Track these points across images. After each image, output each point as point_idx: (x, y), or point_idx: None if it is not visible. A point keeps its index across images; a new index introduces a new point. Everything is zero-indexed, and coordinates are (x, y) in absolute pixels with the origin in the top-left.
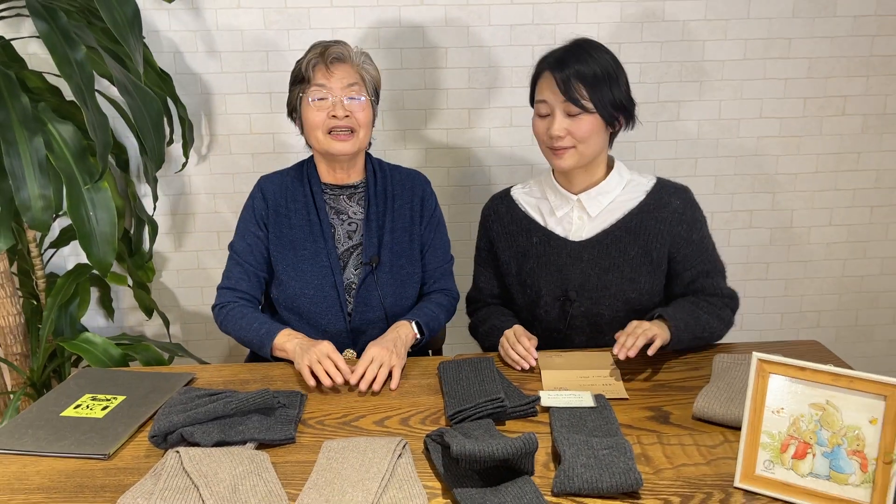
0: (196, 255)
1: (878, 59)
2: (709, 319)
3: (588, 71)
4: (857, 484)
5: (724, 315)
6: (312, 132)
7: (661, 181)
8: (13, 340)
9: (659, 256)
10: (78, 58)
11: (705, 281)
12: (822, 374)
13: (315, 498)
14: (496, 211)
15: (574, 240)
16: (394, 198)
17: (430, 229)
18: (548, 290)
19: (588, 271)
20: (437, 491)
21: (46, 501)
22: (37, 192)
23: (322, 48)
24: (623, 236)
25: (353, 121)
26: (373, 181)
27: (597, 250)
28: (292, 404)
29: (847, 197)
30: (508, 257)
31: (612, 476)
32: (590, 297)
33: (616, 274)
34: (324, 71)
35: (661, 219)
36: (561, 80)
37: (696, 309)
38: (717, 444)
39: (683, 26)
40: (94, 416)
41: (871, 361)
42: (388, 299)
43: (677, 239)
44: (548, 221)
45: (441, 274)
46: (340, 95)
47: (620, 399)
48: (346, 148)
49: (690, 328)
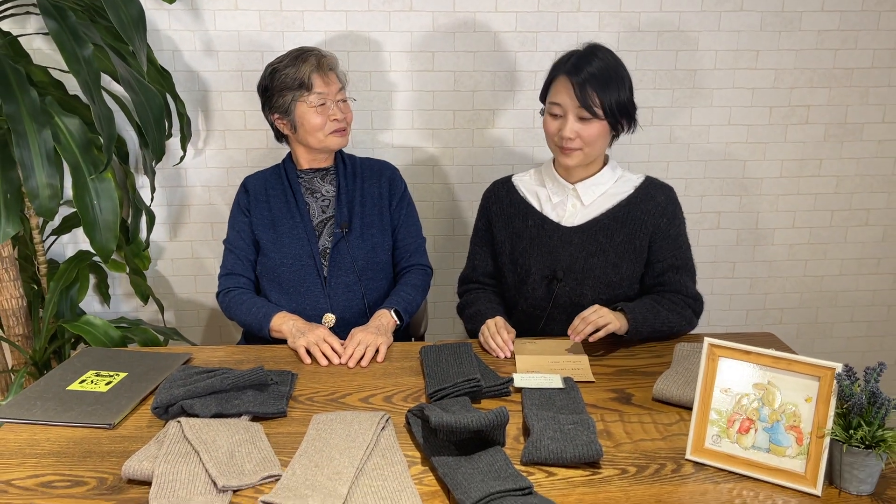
0: (190, 245)
1: (840, 72)
2: (668, 315)
3: (601, 80)
4: (794, 456)
5: (685, 314)
6: (314, 133)
7: (649, 178)
8: (15, 322)
9: (641, 245)
10: (86, 55)
11: (673, 276)
12: (765, 357)
13: (305, 464)
14: (496, 194)
15: (566, 225)
16: (363, 178)
17: (402, 208)
18: (537, 269)
19: (576, 254)
20: (417, 459)
21: (57, 465)
22: (44, 181)
23: (315, 59)
24: (610, 224)
25: (345, 120)
26: (342, 165)
27: (586, 235)
28: (284, 382)
29: (809, 201)
30: (504, 237)
31: (576, 448)
32: (575, 277)
33: (601, 258)
34: (322, 79)
35: (645, 210)
36: (577, 86)
37: (657, 305)
38: (673, 423)
39: (658, 37)
40: (99, 391)
41: (830, 356)
42: (360, 262)
43: (657, 231)
44: (543, 207)
45: (414, 249)
46: (334, 99)
47: (587, 382)
48: (343, 143)
49: (649, 322)
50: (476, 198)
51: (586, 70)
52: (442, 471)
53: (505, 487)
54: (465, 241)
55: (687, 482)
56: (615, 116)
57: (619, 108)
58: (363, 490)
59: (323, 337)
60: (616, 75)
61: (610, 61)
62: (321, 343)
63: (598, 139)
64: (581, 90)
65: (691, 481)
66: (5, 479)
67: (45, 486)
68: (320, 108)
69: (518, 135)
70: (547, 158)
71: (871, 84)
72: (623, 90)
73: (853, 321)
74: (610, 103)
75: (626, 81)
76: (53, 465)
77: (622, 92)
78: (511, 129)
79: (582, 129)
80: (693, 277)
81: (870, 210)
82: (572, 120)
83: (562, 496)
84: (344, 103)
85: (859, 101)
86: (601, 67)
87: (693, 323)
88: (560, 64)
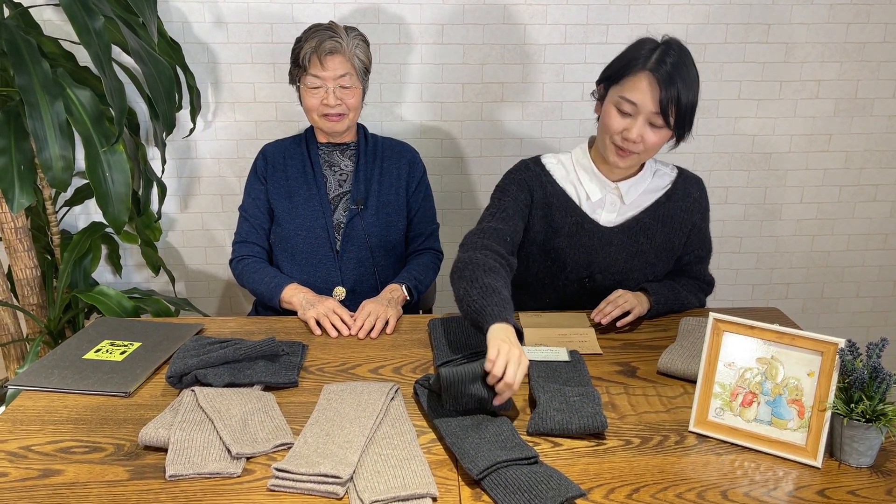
0: (201, 217)
1: (851, 46)
2: (686, 296)
3: (685, 88)
4: (795, 429)
5: (700, 297)
6: (308, 113)
7: (680, 171)
8: (30, 292)
9: (679, 244)
10: (97, 27)
11: (697, 266)
12: (769, 332)
13: (317, 432)
14: (538, 178)
15: (606, 225)
16: (383, 158)
17: (420, 192)
18: (573, 269)
19: (616, 255)
20: (426, 429)
21: (75, 431)
22: (57, 152)
23: (317, 40)
24: (651, 224)
25: (344, 106)
26: (363, 142)
27: (626, 236)
28: (295, 353)
29: (818, 176)
30: (540, 226)
31: (581, 419)
32: (613, 278)
33: (641, 259)
34: (317, 63)
35: (683, 208)
36: (663, 90)
37: (677, 286)
38: (678, 395)
39: (669, 10)
40: (114, 360)
41: (836, 332)
42: (373, 239)
43: (693, 228)
44: (582, 203)
45: (429, 234)
46: (333, 85)
47: (595, 354)
48: (337, 128)
49: (669, 303)
50: (485, 171)
51: (674, 76)
52: (449, 440)
53: (511, 457)
54: (473, 214)
55: (690, 453)
56: (682, 126)
57: (688, 118)
58: (373, 458)
59: (332, 308)
60: (695, 85)
61: (691, 67)
62: (331, 315)
63: (658, 146)
64: (665, 96)
65: (694, 452)
66: (25, 444)
67: (63, 451)
68: (314, 90)
69: (527, 108)
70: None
71: (882, 59)
72: (694, 96)
73: (859, 296)
74: (683, 113)
75: (698, 85)
76: (71, 431)
77: (693, 98)
78: (520, 103)
79: (649, 135)
80: (709, 261)
81: (878, 186)
82: (642, 122)
83: (567, 466)
84: (345, 90)
85: (870, 76)
86: (685, 75)
87: (703, 302)
88: (641, 57)
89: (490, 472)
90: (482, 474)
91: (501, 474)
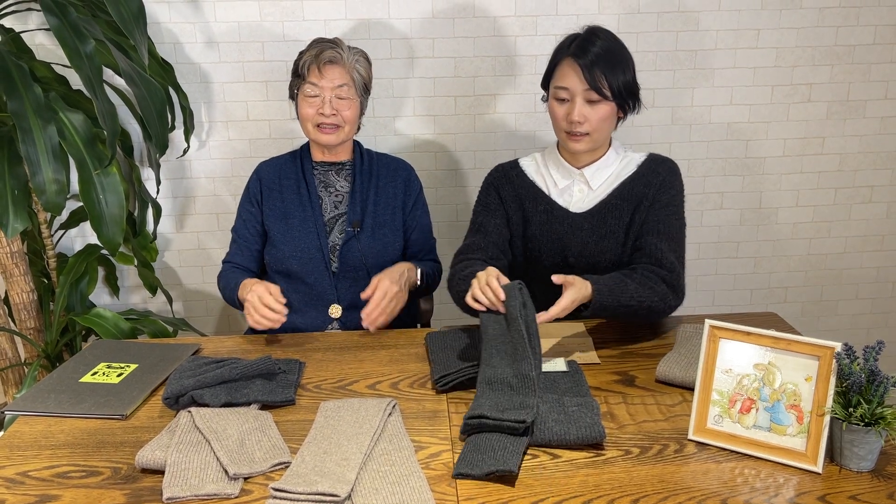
0: (196, 236)
1: (841, 49)
2: (636, 289)
3: (608, 61)
4: (794, 434)
5: (658, 289)
6: (304, 123)
7: (651, 155)
8: (27, 316)
9: (642, 219)
10: (87, 51)
11: (651, 239)
12: (765, 338)
13: (314, 450)
14: (506, 175)
15: (575, 211)
16: (378, 176)
17: (416, 210)
18: (547, 256)
19: (587, 239)
20: (424, 444)
21: (71, 456)
22: (51, 176)
23: (318, 50)
24: (619, 204)
25: (340, 118)
26: (359, 161)
27: (596, 220)
28: (292, 370)
29: (812, 179)
30: (517, 218)
31: (580, 429)
32: (587, 261)
33: (612, 240)
34: (316, 72)
35: (647, 184)
36: (585, 67)
37: (625, 277)
38: (676, 404)
39: (658, 18)
40: (111, 382)
41: (835, 334)
42: (370, 261)
43: (655, 202)
44: (551, 192)
45: (429, 250)
46: (330, 95)
47: (592, 364)
48: (330, 140)
49: (615, 294)
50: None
51: (592, 52)
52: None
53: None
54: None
55: (689, 462)
56: (623, 97)
57: (625, 88)
58: (371, 475)
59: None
60: (621, 56)
61: (613, 42)
62: (259, 308)
63: (606, 121)
64: (589, 72)
65: (694, 461)
66: (22, 470)
67: (60, 476)
68: (311, 98)
69: (520, 119)
70: (550, 142)
71: (873, 61)
72: (628, 70)
73: (857, 298)
74: (618, 84)
75: (630, 62)
76: (68, 455)
77: (627, 72)
78: (513, 114)
79: (591, 112)
80: (675, 250)
81: (873, 187)
82: (580, 103)
83: (566, 478)
84: (342, 100)
85: (861, 79)
86: (606, 48)
87: (668, 300)
88: (563, 48)
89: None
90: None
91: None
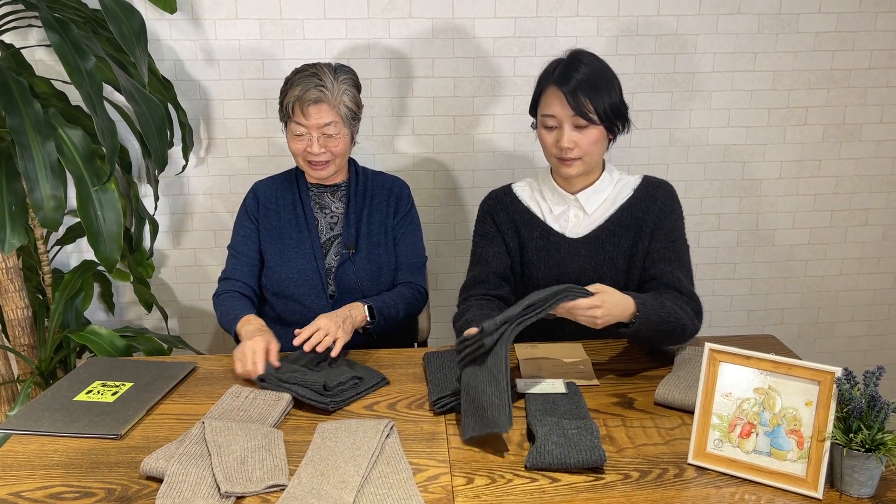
0: (193, 253)
1: (837, 73)
2: (672, 307)
3: (591, 85)
4: (795, 459)
5: (687, 310)
6: (294, 157)
7: (646, 178)
8: (21, 332)
9: (646, 246)
10: (88, 67)
11: (665, 268)
12: (765, 362)
13: (311, 472)
14: (500, 202)
15: (571, 237)
16: (372, 196)
17: (403, 224)
18: (545, 282)
19: (584, 265)
20: (422, 467)
21: (65, 476)
22: (49, 192)
23: (301, 89)
24: (617, 230)
25: (329, 154)
26: (354, 182)
27: (593, 245)
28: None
29: (809, 202)
30: (514, 244)
31: (579, 453)
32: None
33: (611, 266)
34: (301, 111)
35: (646, 210)
36: (569, 94)
37: (660, 296)
38: (675, 427)
39: (656, 40)
40: (105, 401)
41: (832, 356)
42: (365, 283)
43: (658, 228)
44: (546, 218)
45: (409, 268)
46: (317, 133)
47: (591, 385)
48: (322, 175)
49: (656, 310)
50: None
51: (575, 78)
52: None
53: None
54: (466, 245)
55: (689, 487)
56: (610, 119)
57: (612, 111)
58: (369, 498)
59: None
60: (605, 78)
61: (596, 65)
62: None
63: (596, 145)
64: (573, 98)
65: (693, 486)
66: (15, 490)
67: (54, 497)
68: (299, 137)
69: (518, 139)
70: (544, 165)
71: (868, 85)
72: (613, 92)
73: (854, 321)
74: (604, 107)
75: (615, 83)
76: (62, 476)
77: (613, 94)
78: (511, 134)
79: (579, 138)
80: (688, 276)
81: (869, 210)
82: (568, 129)
83: (565, 502)
84: (330, 138)
85: (857, 102)
86: (589, 73)
87: (695, 323)
88: (546, 75)
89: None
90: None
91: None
